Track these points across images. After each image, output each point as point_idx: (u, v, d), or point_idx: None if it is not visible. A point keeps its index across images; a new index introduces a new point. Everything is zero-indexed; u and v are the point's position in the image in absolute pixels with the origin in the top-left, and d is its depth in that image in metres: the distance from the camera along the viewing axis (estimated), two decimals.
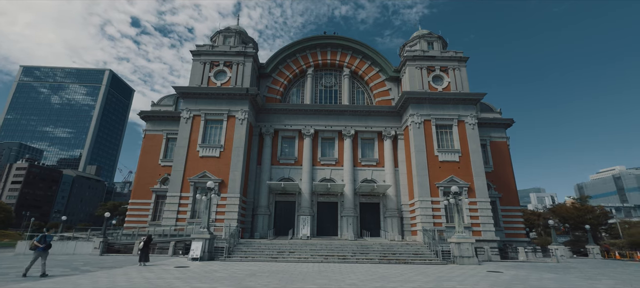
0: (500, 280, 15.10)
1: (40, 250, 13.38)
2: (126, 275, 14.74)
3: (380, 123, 38.36)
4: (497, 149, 40.10)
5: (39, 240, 13.51)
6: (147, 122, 41.18)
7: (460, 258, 23.38)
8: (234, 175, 32.75)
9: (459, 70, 36.90)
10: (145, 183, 38.39)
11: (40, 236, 13.73)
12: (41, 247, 13.36)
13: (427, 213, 31.56)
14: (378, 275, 16.36)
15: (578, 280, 16.01)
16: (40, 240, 13.52)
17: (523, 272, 18.99)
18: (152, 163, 39.18)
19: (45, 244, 13.53)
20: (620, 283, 14.70)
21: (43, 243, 13.46)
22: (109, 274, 15.09)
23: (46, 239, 13.68)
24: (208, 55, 37.33)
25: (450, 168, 33.26)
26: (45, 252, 13.54)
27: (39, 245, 13.34)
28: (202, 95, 35.37)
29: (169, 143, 40.07)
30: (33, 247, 13.53)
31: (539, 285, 13.72)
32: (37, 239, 13.55)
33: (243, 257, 23.86)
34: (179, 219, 31.70)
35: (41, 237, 13.63)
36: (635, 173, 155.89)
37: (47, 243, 13.61)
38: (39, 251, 13.40)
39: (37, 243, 13.38)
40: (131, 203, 38.03)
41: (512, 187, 39.18)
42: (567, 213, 45.93)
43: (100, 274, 14.95)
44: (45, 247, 13.46)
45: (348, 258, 23.96)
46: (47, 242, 13.62)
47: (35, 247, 13.41)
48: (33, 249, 13.57)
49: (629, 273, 19.37)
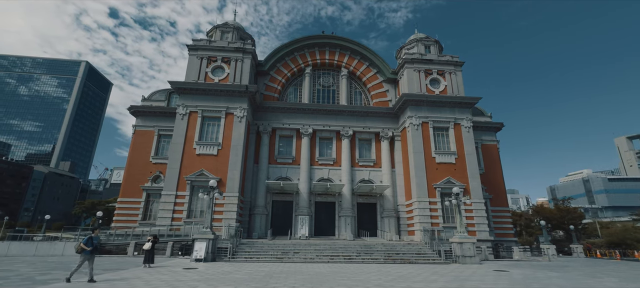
0: (515, 279, 15.59)
1: (87, 253, 12.21)
2: (145, 279, 14.07)
3: (377, 124, 38.73)
4: (488, 152, 41.52)
5: (85, 242, 12.35)
6: (137, 118, 39.55)
7: (463, 258, 23.99)
8: (233, 174, 32.04)
9: (455, 74, 37.88)
10: (135, 181, 36.84)
11: (87, 238, 12.53)
12: (88, 250, 12.21)
13: (425, 214, 32.18)
14: (396, 275, 16.48)
15: (583, 278, 16.81)
16: (87, 242, 12.36)
17: (528, 271, 19.73)
18: (142, 160, 37.67)
19: (92, 246, 12.39)
20: (624, 282, 15.56)
21: (90, 246, 12.31)
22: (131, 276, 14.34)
23: (93, 241, 12.52)
24: (205, 51, 36.31)
25: (447, 170, 34.08)
26: (93, 255, 12.42)
27: (86, 247, 12.21)
28: (199, 91, 34.36)
29: (160, 139, 38.70)
30: (80, 249, 12.37)
31: (555, 284, 14.28)
32: (84, 241, 12.39)
33: (247, 258, 23.38)
34: (174, 219, 30.65)
35: (88, 239, 12.45)
36: (601, 176, 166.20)
37: (94, 245, 12.49)
38: (86, 254, 12.21)
39: (84, 246, 12.24)
40: (120, 202, 36.38)
41: (502, 188, 40.71)
42: (551, 214, 48.40)
43: (135, 275, 14.17)
44: (92, 250, 12.34)
45: (353, 259, 24.02)
46: (94, 244, 12.48)
47: (82, 249, 12.27)
48: (79, 252, 12.41)
49: (622, 271, 20.56)
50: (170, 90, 41.70)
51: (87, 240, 12.29)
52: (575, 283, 14.63)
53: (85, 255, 12.11)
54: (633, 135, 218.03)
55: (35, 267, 17.85)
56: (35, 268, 17.31)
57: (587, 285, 14.29)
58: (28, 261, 21.23)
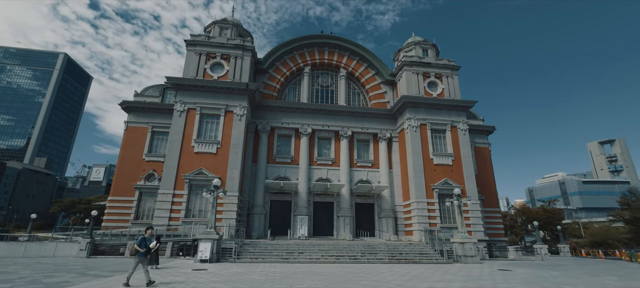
0: (525, 278, 16.12)
1: (141, 255, 11.62)
2: (163, 283, 13.59)
3: (376, 125, 39.07)
4: (480, 154, 42.68)
5: (139, 243, 11.75)
6: (129, 114, 38.18)
7: (464, 258, 24.57)
8: (232, 173, 31.50)
9: (451, 77, 38.74)
10: (128, 179, 35.55)
11: (140, 238, 11.93)
12: (142, 252, 11.63)
13: (423, 214, 32.74)
14: (410, 275, 16.70)
15: (586, 276, 17.58)
16: (141, 243, 11.76)
17: (530, 270, 20.44)
18: (135, 157, 36.40)
19: (146, 248, 11.82)
20: (625, 280, 16.39)
21: (144, 247, 11.73)
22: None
23: (147, 242, 11.93)
24: (204, 46, 35.50)
25: (444, 171, 34.81)
26: (146, 257, 11.85)
27: (139, 249, 11.63)
28: (198, 88, 33.56)
29: (154, 136, 37.51)
30: (133, 251, 11.78)
31: (566, 283, 14.87)
32: (138, 242, 11.79)
33: (253, 259, 23.06)
34: (172, 218, 29.79)
35: (141, 240, 11.85)
36: (575, 179, 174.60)
37: (147, 246, 11.92)
38: (140, 257, 11.63)
39: (137, 248, 11.65)
40: (111, 201, 35.02)
41: (493, 190, 41.97)
42: (537, 215, 50.41)
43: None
44: (145, 252, 11.77)
45: (359, 259, 24.15)
46: (147, 246, 11.91)
47: (136, 251, 11.68)
48: (133, 254, 11.84)
49: (617, 269, 21.64)
50: (164, 85, 40.55)
51: (141, 241, 11.77)
52: (583, 282, 15.28)
53: (139, 257, 11.61)
54: (604, 140, 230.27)
55: (34, 269, 16.92)
56: (35, 270, 16.41)
57: (596, 283, 14.96)
58: (22, 263, 20.09)
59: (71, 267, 18.13)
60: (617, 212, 56.26)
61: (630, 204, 54.79)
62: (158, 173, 35.84)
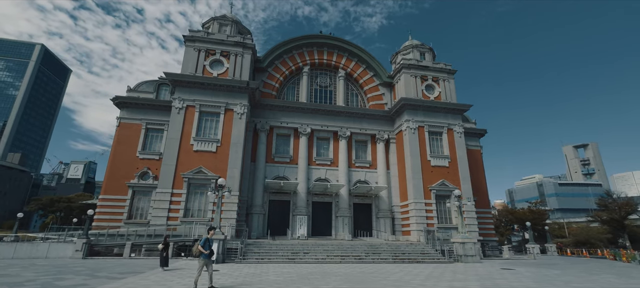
0: (531, 276, 16.75)
1: (205, 257, 11.23)
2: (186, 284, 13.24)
3: (374, 126, 39.48)
4: (472, 157, 43.78)
5: (203, 244, 11.32)
6: (122, 109, 36.88)
7: (465, 257, 25.26)
8: (232, 172, 31.04)
9: (448, 81, 39.66)
10: (120, 177, 34.35)
11: (203, 239, 11.49)
12: (206, 254, 11.24)
13: (421, 215, 33.37)
14: (424, 276, 17.00)
15: (584, 274, 18.47)
16: (205, 244, 11.34)
17: (532, 268, 21.25)
18: (128, 155, 35.22)
19: (210, 249, 11.42)
20: (622, 278, 17.33)
21: (208, 248, 11.32)
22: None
23: (209, 243, 11.50)
24: (203, 43, 34.78)
25: (441, 173, 35.61)
26: (210, 258, 11.45)
27: (203, 250, 11.23)
28: (197, 85, 32.87)
29: (148, 134, 36.40)
30: (197, 253, 11.34)
31: (569, 280, 15.57)
32: (201, 243, 11.35)
33: (259, 259, 22.85)
34: (170, 218, 29.05)
35: (205, 241, 11.43)
36: (552, 181, 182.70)
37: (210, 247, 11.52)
38: (204, 258, 11.25)
39: (201, 249, 11.23)
40: (102, 199, 33.71)
41: (485, 191, 43.23)
42: (524, 216, 52.39)
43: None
44: (209, 254, 11.36)
45: (364, 259, 24.36)
46: (210, 247, 11.52)
47: (200, 253, 11.27)
48: (197, 256, 11.40)
49: (607, 268, 22.81)
50: (159, 81, 39.49)
51: (204, 242, 11.39)
52: (587, 280, 16.03)
53: (203, 258, 11.27)
54: (578, 144, 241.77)
55: (35, 271, 16.09)
56: (37, 272, 15.62)
57: (599, 281, 15.74)
58: (17, 265, 19.06)
59: (73, 268, 17.37)
60: (596, 213, 59.19)
61: (607, 206, 57.92)
62: (152, 171, 34.86)
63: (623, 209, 55.85)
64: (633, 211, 56.50)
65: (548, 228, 42.09)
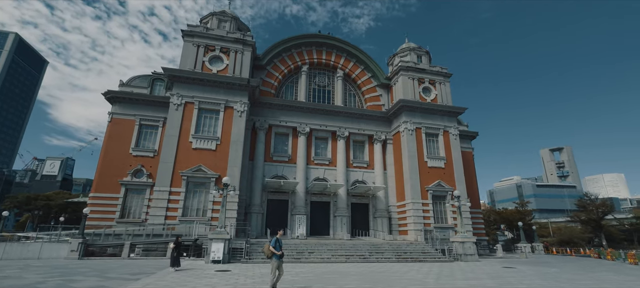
0: (535, 274, 17.43)
1: (277, 258, 10.99)
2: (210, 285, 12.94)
3: (371, 127, 39.85)
4: (464, 158, 44.65)
5: (274, 245, 11.08)
6: (114, 104, 35.61)
7: (465, 256, 25.98)
8: (232, 171, 30.55)
9: (444, 84, 40.56)
10: (112, 175, 33.12)
11: (274, 240, 11.20)
12: (278, 255, 10.99)
13: (419, 215, 34.00)
14: (434, 273, 17.37)
15: (582, 271, 19.39)
16: (275, 244, 11.08)
17: (532, 267, 22.09)
18: (121, 152, 34.01)
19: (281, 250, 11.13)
20: (619, 274, 18.32)
21: (279, 249, 11.06)
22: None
23: (280, 243, 11.19)
24: (202, 38, 34.02)
25: (437, 174, 36.39)
26: (281, 259, 11.18)
27: (276, 252, 11.00)
28: (197, 81, 32.13)
29: (142, 130, 35.28)
30: (270, 254, 11.10)
31: (573, 278, 16.32)
32: (273, 244, 11.09)
33: (264, 259, 22.57)
34: (168, 217, 28.28)
35: (275, 241, 11.17)
36: (530, 182, 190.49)
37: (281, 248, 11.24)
38: (276, 259, 10.99)
39: (273, 249, 11.01)
40: (92, 198, 32.42)
41: (475, 192, 44.54)
42: (511, 216, 54.39)
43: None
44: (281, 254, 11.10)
45: (367, 258, 24.60)
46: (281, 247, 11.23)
47: (272, 254, 11.04)
48: (269, 257, 11.17)
49: (596, 266, 24.00)
50: (153, 76, 38.39)
51: (275, 243, 11.14)
52: (588, 277, 16.86)
53: (276, 260, 11.04)
54: (554, 148, 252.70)
55: (37, 272, 15.32)
56: (40, 274, 14.88)
57: (600, 278, 16.58)
58: (12, 265, 18.04)
59: (77, 269, 16.63)
60: (575, 213, 62.16)
61: (585, 207, 60.98)
62: (147, 169, 33.86)
63: (600, 210, 59.03)
64: (609, 212, 59.79)
65: (535, 228, 43.90)
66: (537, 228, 72.14)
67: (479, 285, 13.63)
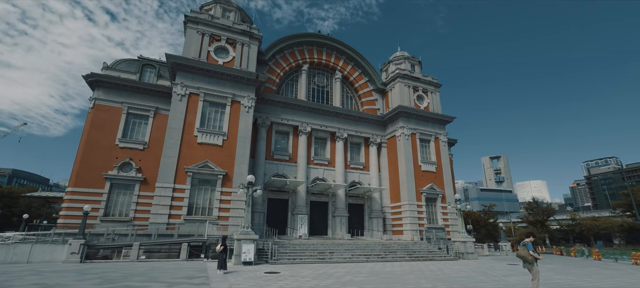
0: (545, 271, 19.74)
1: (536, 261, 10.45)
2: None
3: (368, 130, 41.00)
4: None
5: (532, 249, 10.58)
6: (96, 89, 32.01)
7: (466, 254, 28.19)
8: (240, 168, 29.35)
9: (434, 93, 43.27)
10: (95, 168, 29.76)
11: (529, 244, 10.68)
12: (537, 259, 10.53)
13: (414, 216, 35.91)
14: (454, 271, 18.72)
15: (575, 269, 22.35)
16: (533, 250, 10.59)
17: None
18: (105, 142, 30.69)
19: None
20: (604, 269, 21.49)
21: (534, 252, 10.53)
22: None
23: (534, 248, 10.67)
24: (207, 27, 32.03)
25: (430, 177, 38.74)
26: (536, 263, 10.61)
27: (537, 256, 10.49)
28: (202, 71, 30.20)
29: (130, 119, 32.21)
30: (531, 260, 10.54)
31: (578, 272, 18.83)
32: (530, 249, 10.57)
33: (291, 259, 22.29)
34: (172, 216, 26.23)
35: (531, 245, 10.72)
36: (475, 187, 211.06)
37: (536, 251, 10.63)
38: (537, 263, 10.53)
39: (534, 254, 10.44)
40: (70, 193, 28.74)
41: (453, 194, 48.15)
42: (478, 217, 59.87)
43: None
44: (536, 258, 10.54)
45: (385, 257, 25.48)
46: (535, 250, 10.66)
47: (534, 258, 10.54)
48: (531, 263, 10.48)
49: (571, 262, 27.69)
50: (142, 61, 35.28)
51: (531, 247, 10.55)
52: (587, 273, 19.57)
53: (537, 264, 10.50)
54: (493, 156, 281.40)
55: (42, 276, 13.39)
56: (43, 276, 13.07)
57: (601, 275, 19.34)
58: (7, 271, 15.39)
59: (108, 275, 14.80)
60: (525, 216, 70.33)
61: (533, 209, 69.44)
62: (136, 162, 31.05)
63: (545, 213, 67.66)
64: (552, 214, 68.82)
65: (504, 228, 48.92)
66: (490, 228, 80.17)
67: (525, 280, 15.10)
